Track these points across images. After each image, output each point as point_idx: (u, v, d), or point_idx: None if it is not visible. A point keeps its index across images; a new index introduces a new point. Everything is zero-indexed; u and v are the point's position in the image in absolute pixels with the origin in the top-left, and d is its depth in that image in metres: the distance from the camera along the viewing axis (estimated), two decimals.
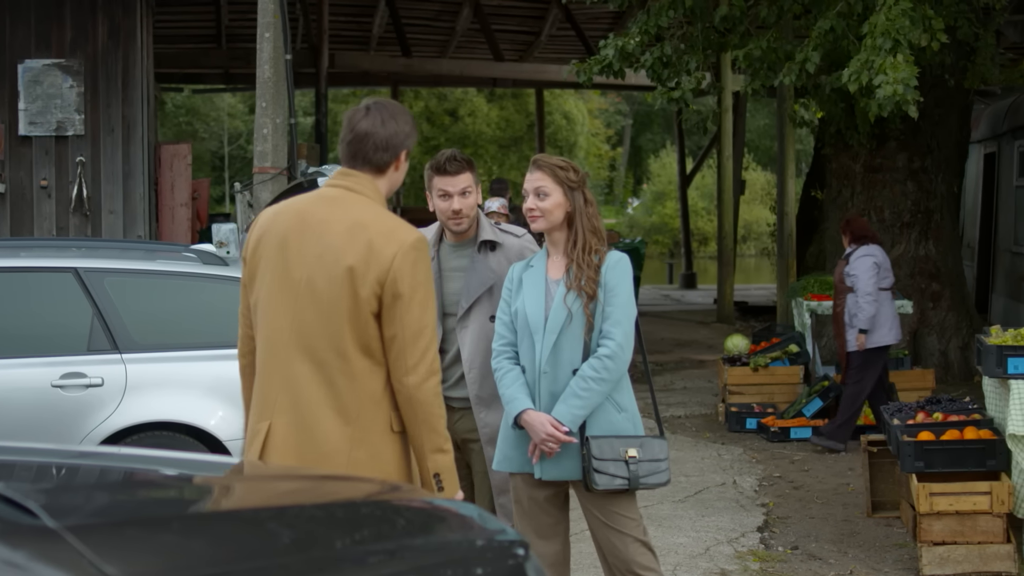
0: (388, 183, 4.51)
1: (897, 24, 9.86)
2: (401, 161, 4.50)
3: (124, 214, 11.79)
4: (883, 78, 9.82)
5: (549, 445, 5.25)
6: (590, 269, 5.32)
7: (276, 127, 10.71)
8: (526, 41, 24.59)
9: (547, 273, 5.45)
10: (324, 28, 20.11)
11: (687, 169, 27.23)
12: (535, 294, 5.42)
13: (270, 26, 10.68)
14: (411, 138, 4.53)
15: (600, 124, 56.62)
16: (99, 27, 11.84)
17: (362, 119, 4.44)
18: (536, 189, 5.42)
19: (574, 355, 5.32)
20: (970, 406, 8.59)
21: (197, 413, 7.99)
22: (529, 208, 5.42)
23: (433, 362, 4.31)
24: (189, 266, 8.33)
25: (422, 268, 4.30)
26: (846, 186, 14.75)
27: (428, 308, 4.31)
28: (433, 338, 4.32)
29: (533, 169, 5.46)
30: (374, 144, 4.42)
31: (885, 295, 11.09)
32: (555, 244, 5.48)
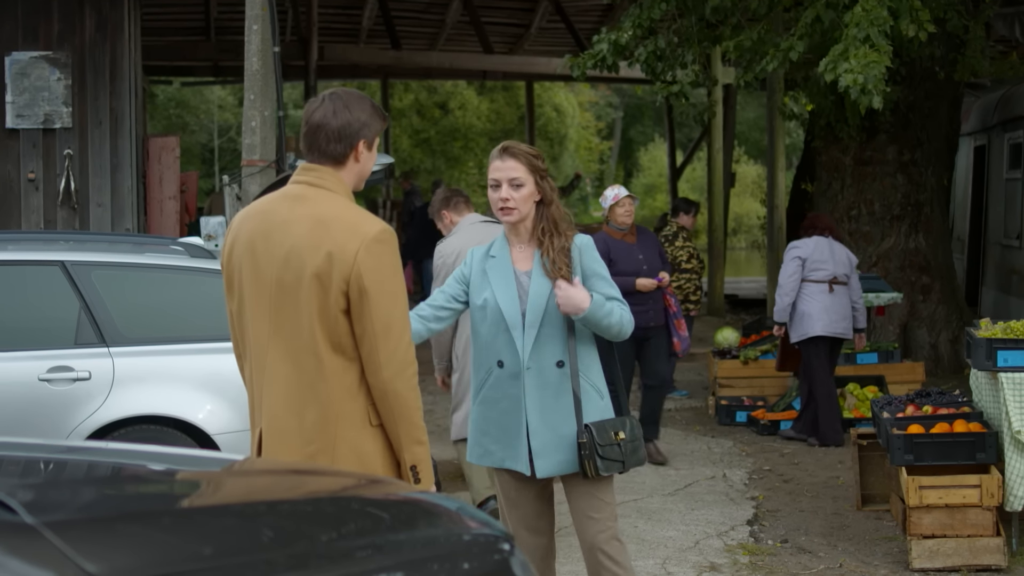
0: (351, 175, 4.42)
1: (873, 15, 9.82)
2: (360, 151, 4.39)
3: (112, 207, 11.75)
4: (846, 66, 9.80)
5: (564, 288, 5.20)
6: (564, 255, 5.23)
7: (264, 120, 10.66)
8: (516, 34, 24.54)
9: (513, 264, 5.31)
10: (313, 20, 20.06)
11: (677, 162, 27.20)
12: (506, 287, 5.27)
13: (258, 18, 10.63)
14: (369, 127, 4.41)
15: (591, 117, 56.48)
16: (86, 19, 11.78)
17: (315, 110, 4.37)
18: (511, 180, 5.22)
19: (556, 347, 5.24)
20: (960, 399, 8.58)
21: (185, 407, 7.96)
22: (503, 198, 5.22)
23: (406, 353, 4.24)
24: (177, 259, 8.29)
25: (387, 260, 4.24)
26: (836, 179, 14.75)
27: (397, 300, 4.25)
28: (405, 329, 4.26)
29: (505, 157, 5.24)
30: (326, 135, 4.34)
31: (816, 287, 11.11)
32: (518, 234, 5.33)
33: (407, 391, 4.24)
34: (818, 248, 11.14)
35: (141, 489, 3.15)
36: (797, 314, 11.12)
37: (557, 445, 5.25)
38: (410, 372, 4.26)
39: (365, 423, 4.27)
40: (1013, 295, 15.00)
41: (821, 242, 11.19)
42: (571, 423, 5.26)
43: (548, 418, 5.25)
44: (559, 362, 5.22)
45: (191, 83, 33.25)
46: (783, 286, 11.15)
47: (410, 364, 4.26)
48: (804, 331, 11.08)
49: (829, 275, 11.11)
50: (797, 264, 11.12)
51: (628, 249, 10.15)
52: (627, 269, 10.00)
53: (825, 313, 11.03)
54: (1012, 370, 7.59)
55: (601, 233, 10.11)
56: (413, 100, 45.31)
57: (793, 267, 11.13)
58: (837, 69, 9.85)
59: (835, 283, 11.12)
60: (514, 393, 5.25)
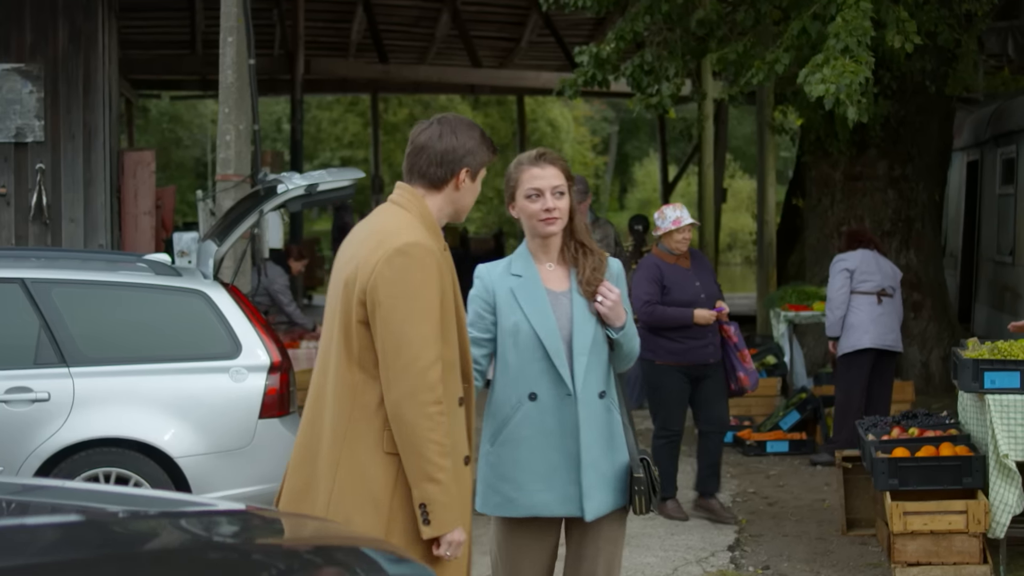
0: (448, 203, 4.33)
1: (853, 25, 9.61)
2: (461, 180, 4.30)
3: (85, 222, 11.52)
4: (820, 75, 9.58)
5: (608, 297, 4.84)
6: (599, 274, 4.88)
7: (239, 133, 10.45)
8: (506, 48, 24.39)
9: (544, 284, 4.88)
10: (300, 34, 19.88)
11: (670, 177, 27.01)
12: (540, 309, 4.83)
13: (233, 30, 10.44)
14: (474, 156, 4.33)
15: (586, 131, 56.33)
16: (59, 31, 11.56)
17: (422, 132, 4.32)
18: (554, 188, 4.85)
19: (599, 376, 4.86)
20: (947, 421, 8.37)
21: (148, 429, 7.77)
22: (547, 209, 4.83)
23: (421, 377, 4.01)
24: (141, 277, 8.08)
25: (409, 275, 4.06)
26: (826, 194, 14.53)
27: (414, 319, 4.04)
28: (424, 350, 4.03)
29: (544, 164, 4.88)
30: (428, 158, 4.27)
31: (864, 299, 10.85)
32: (548, 250, 4.93)
33: (418, 419, 4.01)
34: (864, 260, 10.94)
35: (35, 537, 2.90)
36: (845, 326, 10.88)
37: (607, 482, 4.82)
38: (424, 398, 4.02)
39: (378, 448, 4.08)
40: (1006, 312, 14.77)
41: (867, 255, 10.99)
42: (618, 457, 4.85)
43: (600, 452, 4.80)
44: (601, 392, 4.85)
45: (180, 97, 33.04)
46: (833, 299, 10.85)
47: (426, 390, 4.02)
48: (852, 343, 10.80)
49: (877, 287, 10.89)
50: (845, 276, 10.87)
51: (683, 275, 9.12)
52: (683, 298, 9.02)
53: (873, 325, 10.79)
54: (999, 392, 7.37)
55: (651, 257, 9.23)
56: (407, 115, 45.15)
57: (841, 280, 10.87)
58: (815, 79, 9.62)
59: (883, 295, 10.90)
60: (551, 428, 4.77)
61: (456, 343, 4.22)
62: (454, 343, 4.21)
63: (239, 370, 7.92)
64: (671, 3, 11.75)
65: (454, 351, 4.21)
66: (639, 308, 8.86)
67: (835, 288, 10.87)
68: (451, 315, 4.20)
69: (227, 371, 7.92)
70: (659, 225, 9.13)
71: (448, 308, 4.18)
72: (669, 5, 11.76)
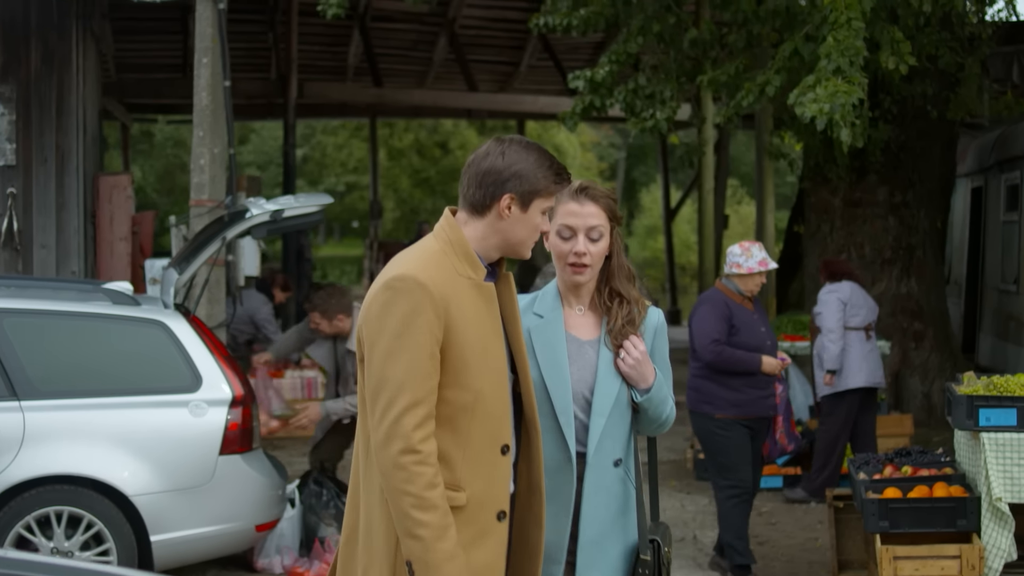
0: (492, 232, 3.90)
1: (844, 45, 9.26)
2: (504, 207, 3.85)
3: (57, 249, 11.20)
4: (811, 96, 9.22)
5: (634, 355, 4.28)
6: (632, 326, 4.33)
7: (214, 157, 10.12)
8: (506, 72, 24.14)
9: (568, 330, 4.33)
10: (293, 57, 19.58)
11: (672, 203, 26.69)
12: (556, 359, 4.27)
13: (207, 51, 10.11)
14: (522, 180, 3.86)
15: (593, 157, 56.10)
16: (32, 51, 11.25)
17: (477, 149, 3.97)
18: (589, 229, 4.28)
19: (617, 442, 4.29)
20: (942, 459, 8.00)
21: (103, 466, 7.45)
22: (578, 253, 4.27)
23: (396, 426, 3.66)
24: (97, 306, 7.75)
25: (391, 311, 3.73)
26: (825, 221, 14.19)
27: (392, 359, 3.70)
28: (398, 397, 3.68)
29: (584, 200, 4.30)
30: (471, 177, 3.89)
31: (854, 335, 10.48)
32: (579, 293, 4.37)
33: (390, 469, 3.67)
34: (854, 293, 10.60)
35: None
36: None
37: (608, 564, 4.28)
38: (395, 447, 3.66)
39: (381, 495, 3.79)
40: (1011, 342, 14.42)
41: (855, 287, 10.67)
42: (625, 536, 4.30)
43: (605, 529, 4.27)
44: (617, 460, 4.28)
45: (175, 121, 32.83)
46: (834, 330, 10.41)
47: (398, 438, 3.66)
48: (845, 382, 10.41)
49: (864, 321, 10.56)
50: (841, 307, 10.50)
51: (751, 317, 8.34)
52: (750, 342, 8.25)
53: (865, 362, 10.46)
54: (994, 430, 7.00)
55: (718, 292, 8.37)
56: (413, 139, 44.94)
57: (838, 310, 10.48)
58: (807, 99, 9.27)
59: (870, 329, 10.57)
60: (551, 490, 4.19)
61: (475, 385, 3.80)
62: (472, 385, 3.79)
63: (199, 404, 7.60)
64: (663, 23, 11.48)
65: (469, 393, 3.79)
66: (705, 346, 8.09)
67: (834, 319, 10.46)
68: (472, 353, 3.80)
69: (186, 405, 7.60)
70: (740, 263, 8.28)
71: (465, 345, 3.78)
72: (661, 25, 11.50)
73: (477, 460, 3.82)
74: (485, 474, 3.83)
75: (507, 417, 3.90)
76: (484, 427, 3.83)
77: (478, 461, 3.82)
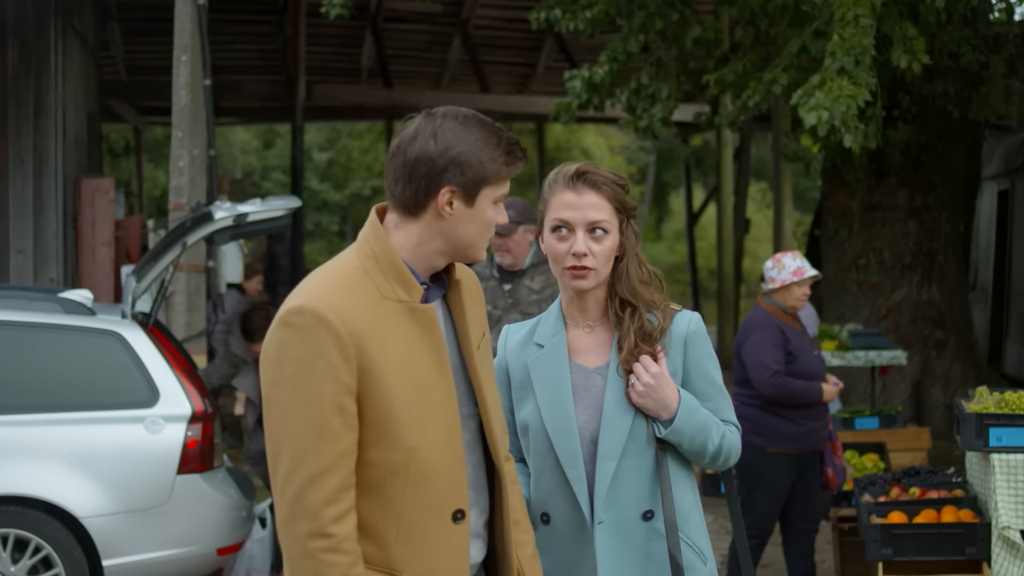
0: (430, 235, 3.07)
1: (850, 43, 8.70)
2: (442, 204, 3.01)
3: (35, 254, 10.82)
4: (813, 101, 8.64)
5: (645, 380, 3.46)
6: (648, 342, 3.50)
7: (193, 159, 9.72)
8: (523, 74, 23.72)
9: (571, 357, 3.55)
10: (300, 59, 19.21)
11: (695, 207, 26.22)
12: (556, 396, 3.50)
13: (187, 48, 9.74)
14: (466, 168, 3.01)
15: (622, 161, 55.64)
16: (8, 50, 10.88)
17: (404, 130, 3.09)
18: (591, 224, 3.48)
19: (641, 488, 3.48)
20: (953, 479, 7.47)
21: (51, 486, 7.03)
22: (578, 253, 3.47)
23: (299, 502, 2.91)
24: (47, 316, 7.31)
25: (287, 355, 2.94)
26: (843, 225, 13.70)
27: (290, 417, 2.93)
28: (299, 466, 2.91)
29: (582, 187, 3.49)
30: (396, 169, 3.04)
31: None
32: (585, 307, 3.57)
33: (299, 558, 2.93)
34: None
35: None
36: None
37: None
38: (301, 530, 2.91)
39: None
40: None
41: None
42: None
43: None
44: (646, 512, 3.48)
45: None
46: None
47: (304, 518, 2.91)
48: None
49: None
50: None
51: (804, 340, 7.52)
52: (809, 369, 7.42)
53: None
54: (1006, 451, 6.47)
55: (768, 316, 7.43)
56: None
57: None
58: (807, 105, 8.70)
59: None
60: (571, 562, 3.49)
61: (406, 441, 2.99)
62: (402, 441, 2.99)
63: (156, 420, 7.15)
64: (666, 20, 10.99)
65: (398, 452, 2.99)
66: (765, 380, 7.23)
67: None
68: (400, 402, 2.99)
69: (142, 421, 7.17)
70: (773, 276, 7.41)
71: (391, 393, 2.98)
72: (664, 22, 11.00)
73: (416, 534, 3.02)
74: (429, 551, 3.04)
75: (458, 475, 3.07)
76: (423, 492, 3.03)
77: (418, 535, 3.03)
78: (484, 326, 3.25)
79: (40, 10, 10.94)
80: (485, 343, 3.23)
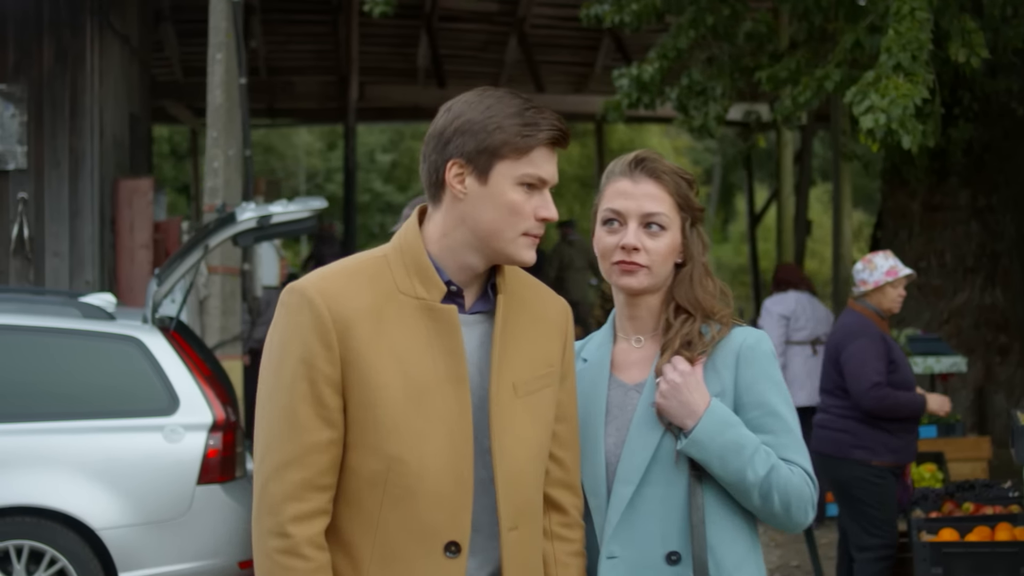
0: (452, 222, 2.75)
1: (907, 38, 8.31)
2: (452, 180, 2.70)
3: (71, 257, 10.65)
4: (868, 103, 8.23)
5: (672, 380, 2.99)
6: (691, 350, 3.05)
7: (228, 160, 9.52)
8: (581, 73, 23.48)
9: (613, 372, 3.11)
10: (353, 58, 19.06)
11: (756, 208, 25.82)
12: (588, 417, 3.05)
13: (222, 46, 9.52)
14: (467, 136, 2.69)
15: (688, 162, 55.27)
16: (44, 49, 10.72)
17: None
18: (645, 216, 3.04)
19: (667, 523, 2.97)
20: (1010, 494, 7.13)
21: (67, 497, 6.85)
22: (627, 247, 3.03)
23: (263, 494, 2.67)
24: (65, 321, 7.12)
25: (275, 333, 2.72)
26: (903, 226, 13.33)
27: (266, 400, 2.70)
28: (267, 454, 2.67)
29: (639, 176, 3.05)
30: (424, 151, 2.77)
31: (798, 349, 9.76)
32: (637, 315, 3.12)
33: (259, 557, 2.69)
34: (799, 304, 9.95)
35: None
36: None
37: None
38: (266, 529, 2.65)
39: None
40: None
41: (801, 298, 10.04)
42: None
43: None
44: (671, 554, 2.97)
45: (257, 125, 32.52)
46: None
47: (267, 514, 2.65)
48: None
49: (811, 335, 9.86)
50: (782, 321, 9.84)
51: (899, 349, 7.16)
52: (908, 378, 7.05)
53: (809, 379, 9.70)
54: None
55: (869, 322, 6.99)
56: None
57: (779, 328, 9.84)
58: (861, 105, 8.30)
59: (817, 343, 9.79)
60: None
61: (389, 450, 2.68)
62: (383, 450, 2.68)
63: (175, 428, 6.94)
64: (717, 15, 10.66)
65: (377, 461, 2.69)
66: (865, 391, 6.80)
67: (774, 334, 9.77)
68: (388, 404, 2.68)
69: (161, 430, 6.94)
70: (865, 278, 7.05)
71: (378, 392, 2.68)
72: (715, 17, 10.67)
73: (397, 559, 2.70)
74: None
75: (458, 502, 2.70)
76: (408, 512, 2.69)
77: (399, 561, 2.70)
78: (549, 368, 2.85)
79: (75, 8, 10.78)
80: (544, 392, 2.83)
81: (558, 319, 2.92)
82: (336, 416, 2.67)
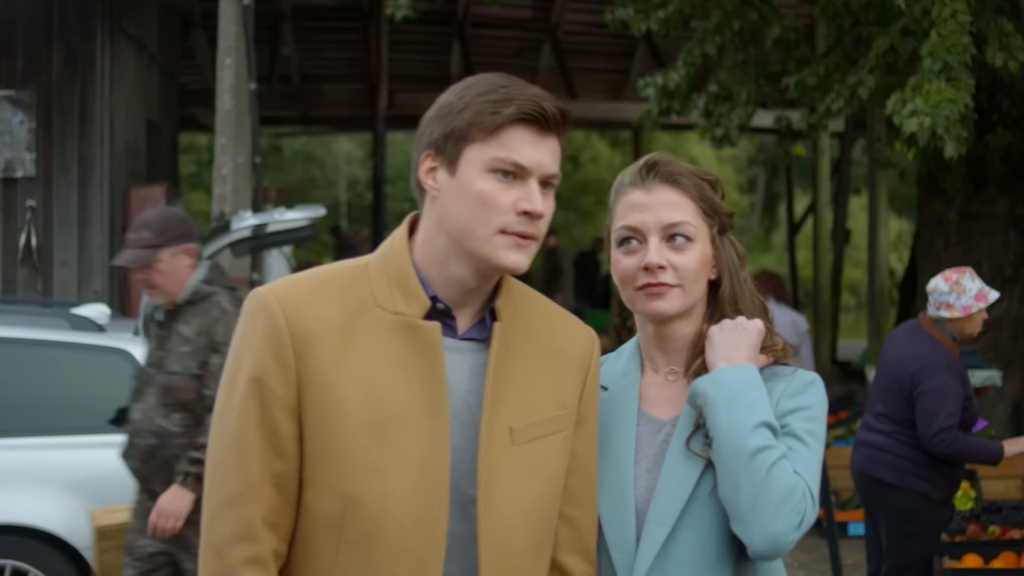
0: (435, 228, 2.37)
1: (950, 41, 7.96)
2: (425, 175, 2.37)
3: (79, 266, 10.46)
4: (912, 107, 7.85)
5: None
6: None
7: (237, 167, 9.30)
8: (616, 80, 23.25)
9: (642, 406, 2.67)
10: (382, 66, 18.89)
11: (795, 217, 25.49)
12: (614, 456, 2.62)
13: (231, 51, 9.32)
14: (434, 123, 2.35)
15: (731, 171, 54.89)
16: (53, 55, 10.55)
17: None
18: (666, 227, 2.64)
19: (707, 569, 2.54)
20: None
21: (52, 515, 6.63)
22: (651, 266, 2.62)
23: (208, 531, 2.31)
24: (52, 333, 6.90)
25: (232, 349, 2.37)
26: (939, 235, 12.98)
27: (223, 433, 2.34)
28: (214, 486, 2.34)
29: (653, 183, 2.64)
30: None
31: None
32: (666, 344, 2.70)
33: None
34: (780, 316, 9.60)
35: None
36: None
37: None
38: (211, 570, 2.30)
39: None
40: None
41: (779, 309, 9.73)
42: None
43: None
44: None
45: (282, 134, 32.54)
46: None
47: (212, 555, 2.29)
48: None
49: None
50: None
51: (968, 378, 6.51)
52: (972, 414, 6.47)
53: None
54: None
55: (946, 350, 6.32)
56: None
57: None
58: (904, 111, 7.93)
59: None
60: None
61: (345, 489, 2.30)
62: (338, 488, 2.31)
63: None
64: (744, 20, 10.36)
65: (332, 501, 2.31)
66: (934, 435, 6.16)
67: None
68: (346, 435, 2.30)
69: None
70: (951, 302, 6.26)
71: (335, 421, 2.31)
72: (742, 22, 10.38)
73: None
74: None
75: (429, 553, 2.31)
76: (366, 563, 2.31)
77: None
78: (560, 410, 2.46)
79: (86, 13, 10.60)
80: (551, 440, 2.44)
81: (577, 353, 2.52)
82: (289, 445, 2.30)
